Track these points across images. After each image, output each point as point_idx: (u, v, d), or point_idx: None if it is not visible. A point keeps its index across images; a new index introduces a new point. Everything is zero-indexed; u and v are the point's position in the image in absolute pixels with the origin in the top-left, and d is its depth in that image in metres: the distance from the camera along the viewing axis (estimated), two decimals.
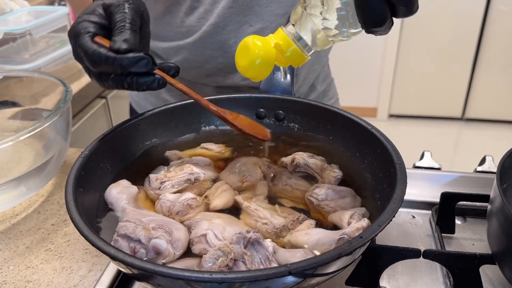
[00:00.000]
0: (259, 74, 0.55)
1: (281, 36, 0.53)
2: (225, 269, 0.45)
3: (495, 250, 0.56)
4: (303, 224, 0.54)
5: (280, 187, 0.62)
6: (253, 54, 0.53)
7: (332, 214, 0.55)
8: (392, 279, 0.61)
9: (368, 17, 0.47)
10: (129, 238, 0.49)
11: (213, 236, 0.50)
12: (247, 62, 0.54)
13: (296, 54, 0.53)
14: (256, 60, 0.53)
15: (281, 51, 0.53)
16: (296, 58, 0.54)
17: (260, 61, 0.53)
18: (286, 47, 0.53)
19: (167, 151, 0.68)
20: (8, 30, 1.33)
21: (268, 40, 0.53)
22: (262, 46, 0.53)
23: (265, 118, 0.73)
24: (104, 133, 0.62)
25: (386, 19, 0.47)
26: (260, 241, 0.47)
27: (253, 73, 0.55)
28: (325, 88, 1.03)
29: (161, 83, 0.54)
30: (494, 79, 3.09)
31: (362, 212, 0.54)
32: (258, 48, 0.53)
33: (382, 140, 0.59)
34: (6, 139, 0.68)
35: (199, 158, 0.66)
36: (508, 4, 2.86)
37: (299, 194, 0.60)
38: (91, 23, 0.55)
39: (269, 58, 0.53)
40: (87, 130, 1.46)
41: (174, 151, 0.68)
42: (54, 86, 0.87)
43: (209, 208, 0.58)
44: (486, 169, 0.81)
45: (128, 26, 0.53)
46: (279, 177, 0.63)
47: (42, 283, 0.62)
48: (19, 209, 0.78)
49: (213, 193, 0.59)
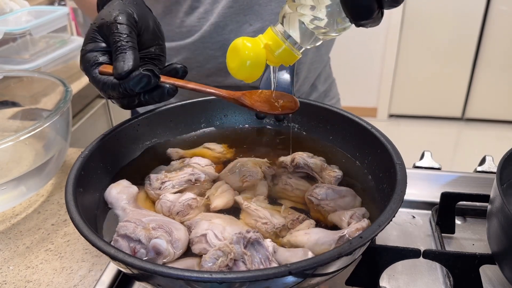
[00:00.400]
0: (250, 75, 0.55)
1: (270, 36, 0.53)
2: (225, 269, 0.45)
3: (495, 250, 0.56)
4: (303, 224, 0.54)
5: (280, 187, 0.62)
6: (243, 55, 0.53)
7: (332, 214, 0.55)
8: (392, 279, 0.61)
9: (354, 11, 0.46)
10: (129, 238, 0.49)
11: (213, 236, 0.50)
12: (237, 63, 0.54)
13: (286, 53, 0.53)
14: (246, 62, 0.53)
15: (271, 51, 0.53)
16: (286, 57, 0.54)
17: (250, 63, 0.53)
18: (275, 46, 0.53)
19: (169, 149, 0.68)
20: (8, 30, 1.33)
21: (257, 41, 0.53)
22: (251, 48, 0.53)
23: (265, 118, 0.73)
24: (104, 133, 0.62)
25: (373, 12, 0.46)
26: (260, 241, 0.47)
27: (244, 74, 0.54)
28: (327, 88, 1.03)
29: (172, 92, 0.55)
30: (494, 79, 3.09)
31: (362, 212, 0.55)
32: (247, 49, 0.52)
33: (382, 140, 0.59)
34: (6, 139, 0.68)
35: (199, 158, 0.66)
36: (508, 4, 2.86)
37: (299, 194, 0.60)
38: (94, 53, 0.56)
39: (259, 59, 0.53)
40: (87, 130, 1.46)
41: (176, 149, 0.69)
42: (54, 86, 0.87)
43: (209, 208, 0.58)
44: (486, 169, 0.81)
45: (124, 46, 0.54)
46: (279, 177, 0.63)
47: (42, 283, 0.62)
48: (19, 209, 0.78)
49: (213, 194, 0.60)
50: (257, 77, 0.55)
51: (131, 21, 0.56)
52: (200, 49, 0.85)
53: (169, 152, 0.68)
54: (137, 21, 0.57)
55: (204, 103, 0.72)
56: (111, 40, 0.55)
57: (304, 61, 0.91)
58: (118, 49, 0.54)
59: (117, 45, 0.54)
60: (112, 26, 0.55)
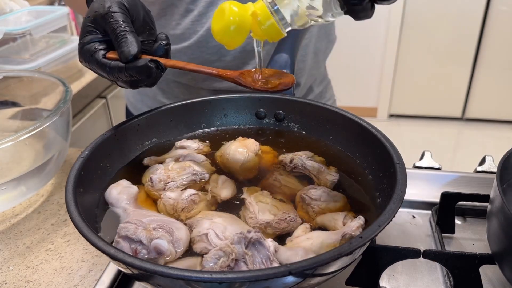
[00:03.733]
0: (233, 40, 0.54)
1: (260, 6, 0.52)
2: (226, 269, 0.45)
3: (495, 250, 0.56)
4: (299, 229, 0.54)
5: (269, 182, 0.62)
6: (227, 19, 0.52)
7: (322, 216, 0.55)
8: (392, 279, 0.61)
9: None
10: (130, 240, 0.49)
11: (214, 235, 0.50)
12: (221, 26, 0.53)
13: (273, 29, 0.52)
14: (230, 26, 0.52)
15: (258, 23, 0.52)
16: (272, 32, 0.53)
17: (235, 27, 0.52)
18: (264, 18, 0.52)
19: (145, 159, 0.66)
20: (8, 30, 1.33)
21: (245, 7, 0.52)
22: (238, 13, 0.52)
23: (265, 118, 0.73)
24: (104, 133, 0.62)
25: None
26: (261, 241, 0.47)
27: (226, 39, 0.54)
28: (322, 90, 1.04)
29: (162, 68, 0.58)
30: (494, 79, 3.09)
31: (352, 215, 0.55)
32: (233, 14, 0.52)
33: (382, 140, 0.59)
34: (6, 139, 0.68)
35: (194, 154, 0.66)
36: (508, 4, 2.86)
37: (286, 191, 0.60)
38: (92, 43, 0.58)
39: (244, 25, 0.52)
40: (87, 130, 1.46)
41: (150, 157, 0.67)
42: (54, 86, 0.87)
43: (212, 202, 0.58)
44: (486, 169, 0.81)
45: (124, 31, 0.56)
46: (271, 172, 0.64)
47: (42, 283, 0.62)
48: (19, 209, 0.78)
49: (215, 186, 0.60)
50: (239, 43, 0.55)
51: (123, 9, 0.58)
52: (196, 53, 0.85)
53: (145, 162, 0.66)
54: (129, 9, 0.59)
55: (204, 103, 0.72)
56: (109, 29, 0.57)
57: (303, 67, 0.91)
58: (119, 36, 0.56)
59: (116, 32, 0.56)
60: (107, 16, 0.57)
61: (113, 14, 0.57)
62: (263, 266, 0.46)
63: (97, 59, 0.57)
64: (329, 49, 1.01)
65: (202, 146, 0.69)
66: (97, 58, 0.57)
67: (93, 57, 0.58)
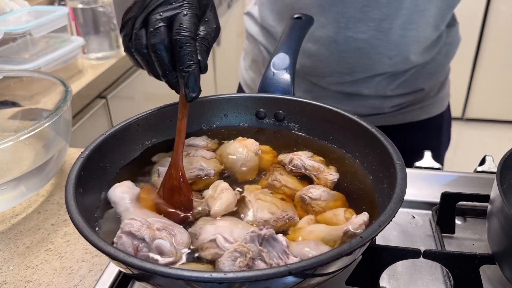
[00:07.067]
0: None
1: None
2: (246, 268, 0.45)
3: (495, 250, 0.56)
4: (303, 220, 0.54)
5: (269, 182, 0.62)
6: None
7: (323, 214, 0.55)
8: (392, 279, 0.61)
9: None
10: (133, 236, 0.49)
11: (223, 239, 0.49)
12: None
13: None
14: None
15: None
16: None
17: None
18: None
19: (153, 157, 0.67)
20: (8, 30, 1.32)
21: None
22: None
23: (265, 118, 0.73)
24: (104, 133, 0.62)
25: None
26: (274, 237, 0.47)
27: None
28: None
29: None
30: (494, 79, 3.08)
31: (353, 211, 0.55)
32: None
33: (382, 140, 0.59)
34: (6, 139, 0.68)
35: (204, 151, 0.66)
36: (508, 4, 2.86)
37: (286, 191, 0.60)
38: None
39: None
40: (87, 130, 1.46)
41: (159, 154, 0.67)
42: (54, 86, 0.87)
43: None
44: (486, 169, 0.81)
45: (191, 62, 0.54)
46: (271, 171, 0.64)
47: (42, 283, 0.62)
48: (19, 209, 0.78)
49: (211, 196, 0.57)
50: None
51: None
52: None
53: (154, 159, 0.66)
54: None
55: (204, 103, 0.72)
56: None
57: None
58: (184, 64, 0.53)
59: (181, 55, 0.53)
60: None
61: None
62: (280, 261, 0.46)
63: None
64: None
65: (210, 143, 0.69)
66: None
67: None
